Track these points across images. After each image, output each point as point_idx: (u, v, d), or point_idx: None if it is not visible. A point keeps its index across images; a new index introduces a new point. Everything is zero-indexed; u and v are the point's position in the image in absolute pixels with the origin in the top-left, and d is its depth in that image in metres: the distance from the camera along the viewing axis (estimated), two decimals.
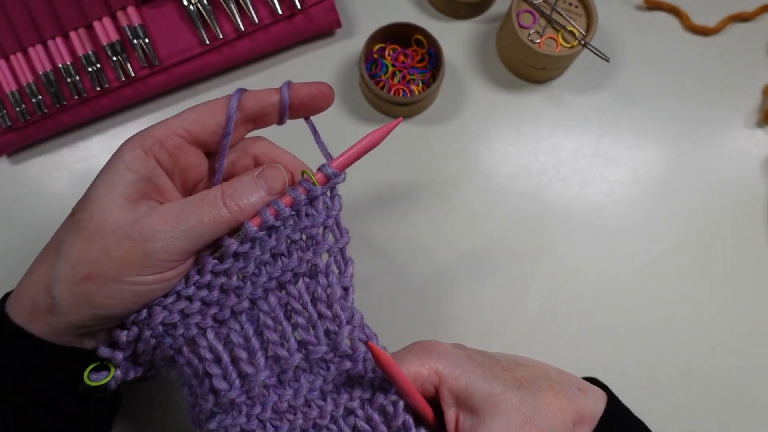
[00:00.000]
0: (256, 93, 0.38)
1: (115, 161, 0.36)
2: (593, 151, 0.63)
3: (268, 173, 0.38)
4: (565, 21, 0.61)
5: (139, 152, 0.36)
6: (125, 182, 0.35)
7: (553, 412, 0.36)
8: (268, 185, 0.38)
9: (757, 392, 0.58)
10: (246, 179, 0.37)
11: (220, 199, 0.36)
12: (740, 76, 0.65)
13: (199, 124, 0.37)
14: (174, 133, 0.37)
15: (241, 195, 0.36)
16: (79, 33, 0.58)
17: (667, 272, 0.60)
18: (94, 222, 0.34)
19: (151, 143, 0.36)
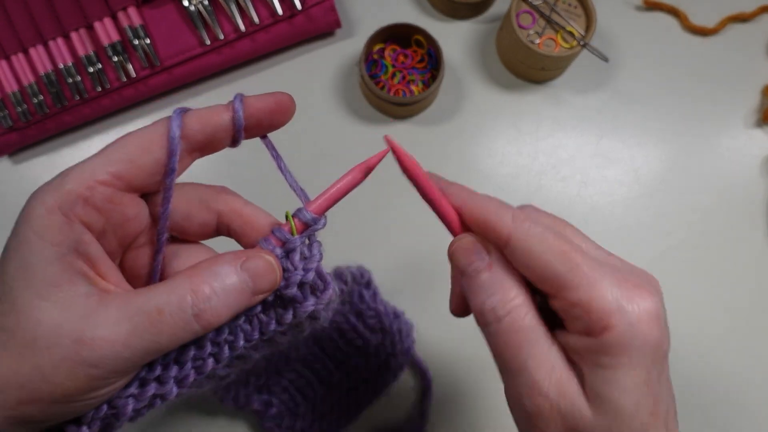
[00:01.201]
0: (201, 113, 0.31)
1: (24, 231, 0.27)
2: (593, 151, 0.63)
3: (256, 267, 0.29)
4: (564, 21, 0.61)
5: (57, 217, 0.27)
6: (46, 262, 0.26)
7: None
8: (256, 286, 0.29)
9: (756, 392, 0.58)
10: (225, 275, 0.28)
11: (188, 309, 0.27)
12: (739, 77, 0.65)
13: (131, 165, 0.28)
14: (99, 182, 0.28)
15: (220, 302, 0.28)
16: (80, 33, 0.59)
17: (667, 271, 0.60)
18: (21, 330, 0.26)
19: (71, 202, 0.27)
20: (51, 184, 0.28)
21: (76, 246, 0.27)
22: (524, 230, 0.29)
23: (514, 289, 0.29)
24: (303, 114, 0.63)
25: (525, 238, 0.29)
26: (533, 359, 0.28)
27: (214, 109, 0.31)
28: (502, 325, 0.29)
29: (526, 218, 0.30)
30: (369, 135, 0.63)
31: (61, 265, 0.27)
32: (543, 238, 0.29)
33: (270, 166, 0.35)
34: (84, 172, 0.28)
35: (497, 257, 0.30)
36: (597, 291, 0.27)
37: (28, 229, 0.27)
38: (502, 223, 0.29)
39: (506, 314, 0.29)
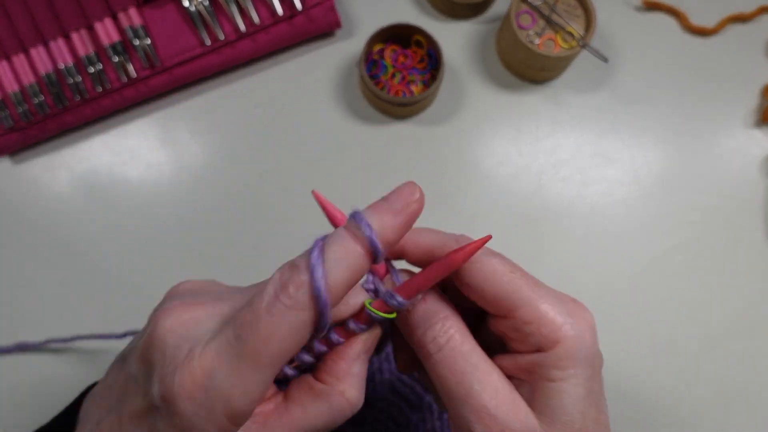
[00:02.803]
0: (341, 264, 0.26)
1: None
2: (593, 151, 0.63)
3: (372, 349, 0.32)
4: (564, 22, 0.61)
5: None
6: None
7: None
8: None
9: (757, 392, 0.58)
10: (360, 372, 0.31)
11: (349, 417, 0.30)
12: (739, 77, 0.65)
13: (286, 359, 0.26)
14: (263, 398, 0.29)
15: (362, 394, 0.31)
16: (80, 34, 0.59)
17: (667, 272, 0.61)
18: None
19: (242, 421, 0.26)
20: (214, 400, 0.25)
21: None
22: (477, 256, 0.30)
23: (450, 318, 0.30)
24: (303, 114, 0.64)
25: (475, 264, 0.30)
26: (478, 383, 0.28)
27: (352, 251, 0.27)
28: (444, 353, 0.29)
29: (469, 244, 0.30)
30: (369, 135, 0.63)
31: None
32: (491, 262, 0.30)
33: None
34: (245, 392, 0.25)
35: (433, 291, 0.31)
36: (546, 306, 0.29)
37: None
38: (448, 249, 0.30)
39: (447, 341, 0.29)
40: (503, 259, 0.30)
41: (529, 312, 0.29)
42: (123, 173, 0.62)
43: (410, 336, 0.31)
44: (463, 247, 0.29)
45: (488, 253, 0.30)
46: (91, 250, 0.60)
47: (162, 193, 0.61)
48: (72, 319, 0.58)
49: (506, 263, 0.30)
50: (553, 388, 0.28)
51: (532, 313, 0.29)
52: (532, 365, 0.29)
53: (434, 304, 0.30)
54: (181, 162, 0.62)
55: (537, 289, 0.29)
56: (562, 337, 0.28)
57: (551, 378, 0.29)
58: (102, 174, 0.62)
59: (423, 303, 0.30)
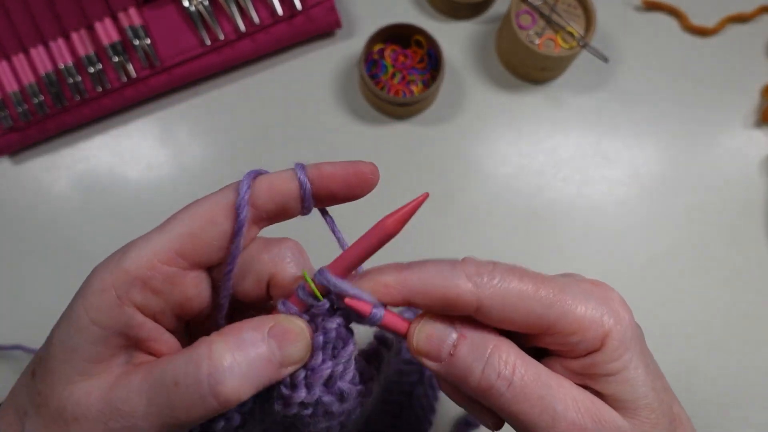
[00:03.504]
0: (270, 180, 0.28)
1: (77, 305, 0.26)
2: (593, 151, 0.63)
3: (284, 333, 0.26)
4: (564, 22, 0.61)
5: (109, 298, 0.26)
6: (89, 341, 0.26)
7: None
8: (284, 356, 0.26)
9: (756, 392, 0.58)
10: (250, 340, 0.26)
11: (204, 383, 0.24)
12: (739, 77, 0.66)
13: (196, 241, 0.27)
14: (161, 263, 0.26)
15: (241, 375, 0.25)
16: (80, 34, 0.59)
17: (667, 271, 0.61)
18: (55, 400, 0.26)
19: (128, 283, 0.26)
20: (112, 260, 0.27)
21: (124, 329, 0.26)
22: (490, 289, 0.26)
23: (501, 344, 0.27)
24: (303, 114, 0.64)
25: (494, 297, 0.26)
26: (559, 402, 0.26)
27: (284, 176, 0.28)
28: (515, 386, 0.26)
29: (480, 271, 0.27)
30: (369, 135, 0.63)
31: (105, 345, 0.26)
32: (511, 289, 0.27)
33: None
34: (145, 249, 0.26)
35: (461, 321, 0.27)
36: (582, 309, 0.27)
37: (81, 304, 0.26)
38: (462, 293, 0.26)
39: (512, 373, 0.26)
40: (522, 277, 0.27)
41: (569, 323, 0.27)
42: (123, 173, 0.62)
43: (466, 382, 0.27)
44: (397, 211, 0.27)
45: (506, 274, 0.27)
46: (91, 249, 0.60)
47: (162, 193, 0.61)
48: None
49: (527, 281, 0.27)
50: (617, 381, 0.27)
51: (572, 323, 0.27)
52: (587, 367, 0.27)
53: (476, 336, 0.27)
54: (181, 162, 0.62)
55: (566, 296, 0.27)
56: (607, 330, 0.27)
57: (611, 372, 0.27)
58: (102, 174, 0.62)
59: (462, 341, 0.27)
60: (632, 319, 0.29)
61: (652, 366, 0.29)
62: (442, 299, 0.26)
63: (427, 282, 0.27)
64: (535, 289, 0.27)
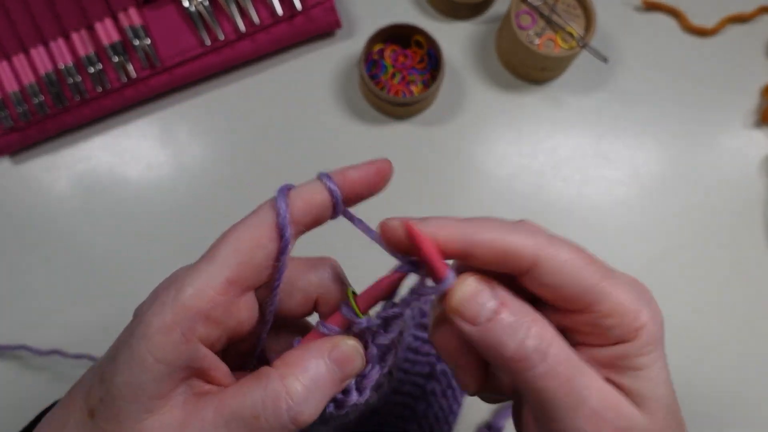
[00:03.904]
0: (302, 195, 0.29)
1: (138, 347, 0.26)
2: (593, 151, 0.63)
3: (343, 355, 0.28)
4: (563, 22, 0.61)
5: (174, 336, 0.26)
6: (157, 380, 0.26)
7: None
8: (344, 374, 0.28)
9: (756, 392, 0.58)
10: (316, 369, 0.27)
11: (284, 414, 0.26)
12: (738, 77, 0.66)
13: (246, 267, 0.27)
14: (218, 295, 0.27)
15: (315, 401, 0.27)
16: (80, 34, 0.59)
17: (666, 272, 0.61)
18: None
19: (191, 319, 0.26)
20: (167, 296, 0.27)
21: (189, 363, 0.26)
22: (549, 249, 0.27)
23: (539, 319, 0.27)
24: (303, 114, 0.64)
25: (550, 259, 0.27)
26: (586, 388, 0.26)
27: (315, 189, 0.29)
28: (549, 361, 0.26)
29: (541, 235, 0.28)
30: (369, 135, 0.63)
31: (169, 381, 0.26)
32: (568, 254, 0.27)
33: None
34: (200, 282, 0.27)
35: (503, 290, 0.28)
36: (623, 295, 0.27)
37: (143, 345, 0.26)
38: (523, 247, 0.27)
39: (549, 347, 0.26)
40: (577, 249, 0.28)
41: (610, 305, 0.27)
42: (123, 173, 0.62)
43: (501, 350, 0.27)
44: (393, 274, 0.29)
45: (563, 241, 0.28)
46: (91, 249, 0.60)
47: (162, 193, 0.61)
48: (71, 319, 0.58)
49: (581, 253, 0.27)
50: (642, 377, 0.27)
51: (613, 306, 0.27)
52: (614, 358, 0.27)
53: (517, 306, 0.27)
54: (181, 162, 0.62)
55: (611, 279, 0.27)
56: (643, 323, 0.27)
57: (638, 367, 0.27)
58: (102, 174, 0.62)
59: (505, 309, 0.27)
60: (662, 322, 0.29)
61: (668, 369, 0.29)
62: (502, 252, 0.27)
63: (489, 235, 0.27)
64: (588, 263, 0.27)
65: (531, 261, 0.27)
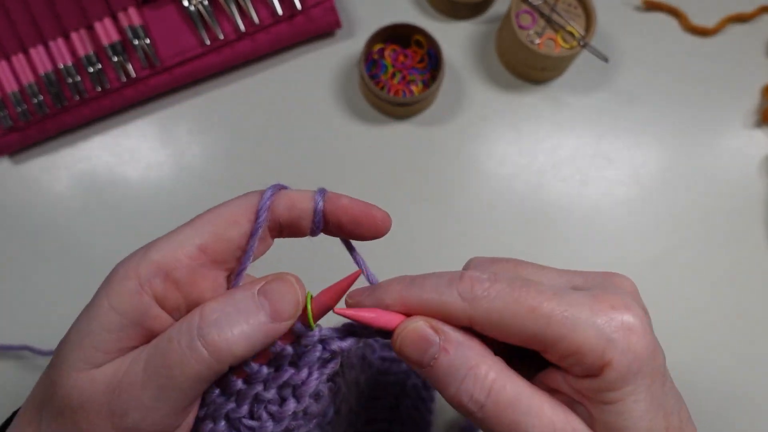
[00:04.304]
0: (291, 195, 0.30)
1: (99, 294, 0.27)
2: (593, 151, 0.63)
3: (274, 290, 0.27)
4: (564, 22, 0.61)
5: (131, 285, 0.26)
6: (105, 328, 0.26)
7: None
8: (273, 308, 0.27)
9: (756, 392, 0.58)
10: (240, 298, 0.27)
11: (194, 333, 0.25)
12: (739, 77, 0.65)
13: (219, 239, 0.28)
14: (186, 257, 0.27)
15: (230, 323, 0.26)
16: (80, 33, 0.59)
17: (666, 272, 0.61)
18: (61, 389, 0.26)
19: (151, 274, 0.26)
20: (138, 252, 0.28)
21: (140, 319, 0.26)
22: (482, 308, 0.26)
23: (483, 364, 0.27)
24: (303, 114, 0.64)
25: (486, 315, 0.26)
26: (533, 427, 0.26)
27: (304, 195, 0.30)
28: (487, 410, 0.26)
29: (475, 290, 0.27)
30: (369, 135, 0.63)
31: (119, 334, 0.26)
32: (504, 306, 0.26)
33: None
34: (171, 242, 0.27)
35: (448, 331, 0.27)
36: (582, 334, 0.26)
37: (103, 290, 0.27)
38: (453, 310, 0.27)
39: (487, 396, 0.26)
40: (520, 295, 0.27)
41: (566, 346, 0.26)
42: (123, 173, 0.62)
43: (443, 393, 0.27)
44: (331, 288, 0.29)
45: (504, 291, 0.27)
46: (91, 249, 0.60)
47: (162, 193, 0.61)
48: (71, 319, 0.58)
49: (525, 299, 0.26)
50: (612, 411, 0.26)
51: (570, 346, 0.26)
52: (587, 390, 0.27)
53: (459, 351, 0.27)
54: (181, 162, 0.62)
55: (567, 319, 0.26)
56: (608, 360, 0.26)
57: (608, 401, 0.26)
58: (102, 174, 0.62)
59: (445, 354, 0.27)
60: (646, 349, 0.27)
61: (659, 404, 0.27)
62: (437, 315, 0.27)
63: (422, 299, 0.28)
64: (532, 308, 0.26)
65: (465, 321, 0.27)
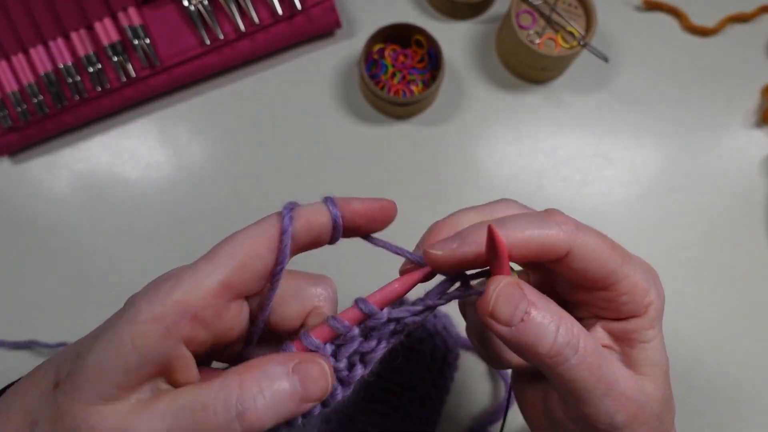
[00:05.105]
0: (306, 215, 0.30)
1: (122, 331, 0.26)
2: (593, 151, 0.63)
3: (309, 372, 0.27)
4: (564, 21, 0.61)
5: (158, 329, 0.26)
6: (125, 367, 0.26)
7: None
8: (305, 393, 0.27)
9: (756, 392, 0.58)
10: (276, 377, 0.27)
11: (232, 408, 0.26)
12: (739, 77, 0.65)
13: (242, 273, 0.28)
14: (210, 295, 0.27)
15: (266, 405, 0.26)
16: (80, 33, 0.59)
17: (667, 272, 0.60)
18: (71, 419, 0.26)
19: (178, 317, 0.26)
20: (161, 289, 0.27)
21: (164, 359, 0.26)
22: (579, 239, 0.30)
23: (566, 315, 0.29)
24: (303, 114, 0.64)
25: (581, 246, 0.30)
26: (612, 374, 0.29)
27: (317, 210, 0.30)
28: (580, 355, 0.28)
29: (570, 225, 0.30)
30: (369, 135, 0.63)
31: (138, 372, 0.26)
32: (595, 241, 0.30)
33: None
34: (196, 281, 0.27)
35: (531, 290, 0.29)
36: (637, 276, 0.31)
37: (126, 330, 0.26)
38: (557, 240, 0.29)
39: (578, 341, 0.28)
40: (600, 235, 0.31)
41: (628, 284, 0.30)
42: (123, 173, 0.62)
43: (536, 347, 0.28)
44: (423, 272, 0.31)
45: (588, 229, 0.31)
46: (91, 249, 0.60)
47: (162, 193, 0.61)
48: (71, 319, 0.58)
49: (604, 239, 0.31)
50: (649, 348, 0.31)
51: (630, 285, 0.30)
52: (627, 332, 0.31)
53: (544, 304, 0.29)
54: (181, 162, 0.62)
55: (630, 262, 0.31)
56: (652, 300, 0.31)
57: (646, 339, 0.31)
58: (101, 174, 0.62)
59: (534, 308, 0.28)
60: (665, 298, 0.33)
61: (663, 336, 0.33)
62: (539, 248, 0.29)
63: (525, 235, 0.29)
64: (611, 248, 0.30)
65: (565, 251, 0.29)
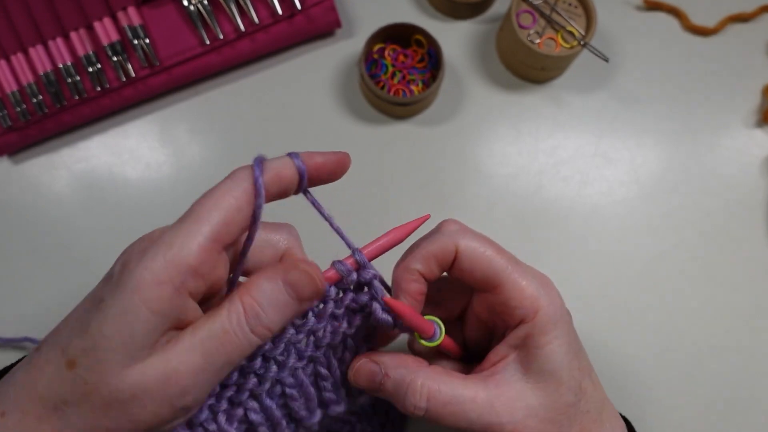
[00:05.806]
0: (275, 168, 0.33)
1: (131, 298, 0.28)
2: (593, 151, 0.63)
3: (296, 280, 0.32)
4: (564, 21, 0.61)
5: (168, 290, 0.28)
6: (147, 330, 0.28)
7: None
8: (299, 295, 0.32)
9: (757, 392, 0.58)
10: (269, 289, 0.31)
11: (245, 325, 0.30)
12: (739, 77, 0.65)
13: (228, 227, 0.30)
14: (203, 249, 0.29)
15: (267, 315, 0.31)
16: (79, 33, 0.59)
17: (667, 272, 0.60)
18: (107, 386, 0.28)
19: (183, 276, 0.29)
20: (156, 251, 0.29)
21: (179, 314, 0.29)
22: (464, 241, 0.35)
23: (417, 378, 0.34)
24: (303, 114, 0.63)
25: (466, 246, 0.35)
26: (473, 412, 0.34)
27: (285, 163, 0.33)
28: (431, 411, 0.34)
29: (454, 228, 0.36)
30: (369, 135, 0.63)
31: (158, 330, 0.29)
32: (479, 243, 0.35)
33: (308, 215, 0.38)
34: (189, 239, 0.29)
35: (386, 360, 0.36)
36: (525, 282, 0.35)
37: (136, 298, 0.28)
38: (444, 244, 0.35)
39: (427, 401, 0.34)
40: (488, 242, 0.36)
41: (514, 289, 0.35)
42: (122, 173, 0.62)
43: (396, 405, 0.35)
44: (409, 224, 0.37)
45: (477, 240, 0.36)
46: (91, 250, 0.60)
47: (162, 193, 0.61)
48: None
49: (491, 244, 0.36)
50: (543, 354, 0.34)
51: (516, 290, 0.34)
52: (521, 338, 0.35)
53: (397, 373, 0.35)
54: (180, 162, 0.62)
55: (517, 269, 0.35)
56: (540, 306, 0.34)
57: (539, 345, 0.34)
58: (101, 174, 0.62)
59: (388, 378, 0.35)
60: (563, 305, 0.36)
61: (574, 348, 0.36)
62: (436, 257, 0.36)
63: (421, 253, 0.36)
64: (497, 251, 0.35)
65: (453, 252, 0.35)
